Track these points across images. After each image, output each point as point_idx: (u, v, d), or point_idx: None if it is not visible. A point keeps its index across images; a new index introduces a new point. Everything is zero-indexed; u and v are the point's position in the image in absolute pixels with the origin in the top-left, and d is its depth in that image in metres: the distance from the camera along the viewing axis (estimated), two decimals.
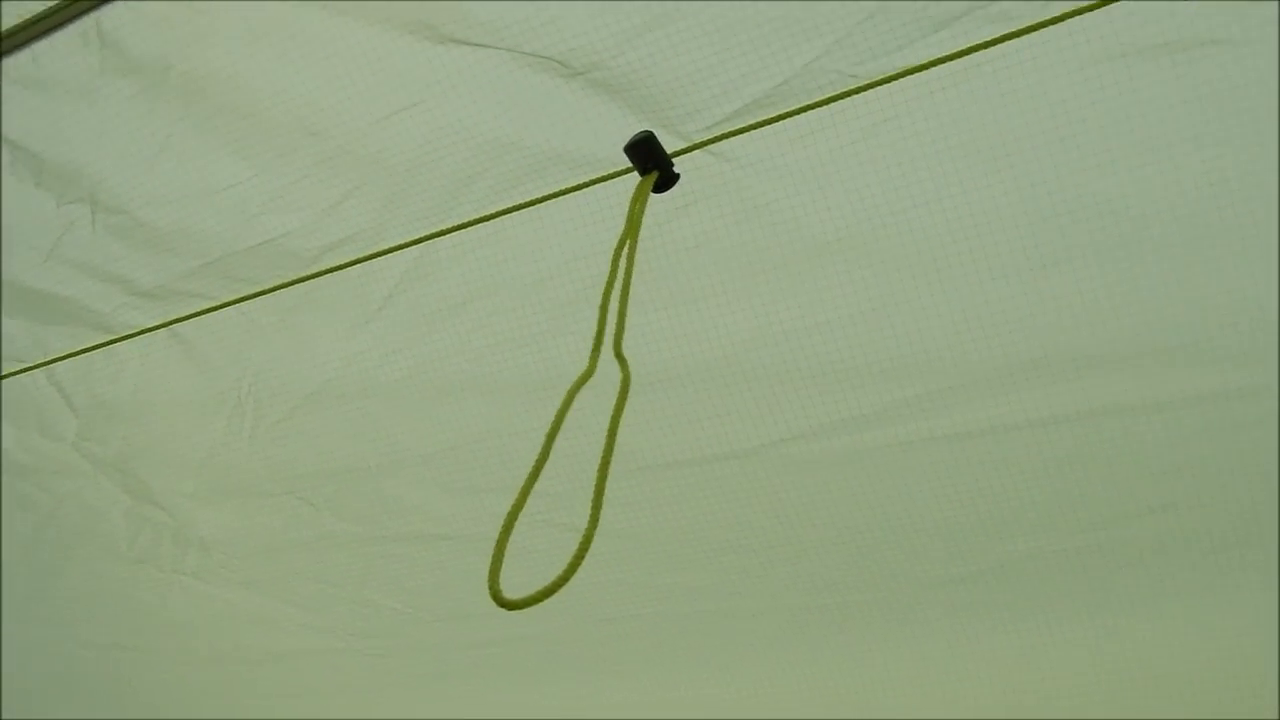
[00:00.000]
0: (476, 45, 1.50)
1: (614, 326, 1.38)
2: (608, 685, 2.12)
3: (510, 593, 1.13)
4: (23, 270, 1.93)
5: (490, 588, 1.10)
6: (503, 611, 1.14)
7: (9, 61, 1.66)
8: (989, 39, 1.35)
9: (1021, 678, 1.76)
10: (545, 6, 1.46)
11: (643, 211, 1.46)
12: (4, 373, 2.14)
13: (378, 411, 1.91)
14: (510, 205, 1.64)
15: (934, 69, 1.38)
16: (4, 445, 2.25)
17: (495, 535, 1.78)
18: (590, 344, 1.37)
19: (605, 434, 1.25)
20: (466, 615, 2.11)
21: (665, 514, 1.87)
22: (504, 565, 1.25)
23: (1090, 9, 1.31)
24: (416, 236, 1.71)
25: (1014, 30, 1.33)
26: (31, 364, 2.11)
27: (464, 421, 1.85)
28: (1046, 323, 1.48)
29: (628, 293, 1.39)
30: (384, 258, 1.75)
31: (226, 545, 2.18)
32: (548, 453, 1.24)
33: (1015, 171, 1.41)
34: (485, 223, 1.67)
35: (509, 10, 1.47)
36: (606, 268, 1.40)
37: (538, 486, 1.69)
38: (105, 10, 1.58)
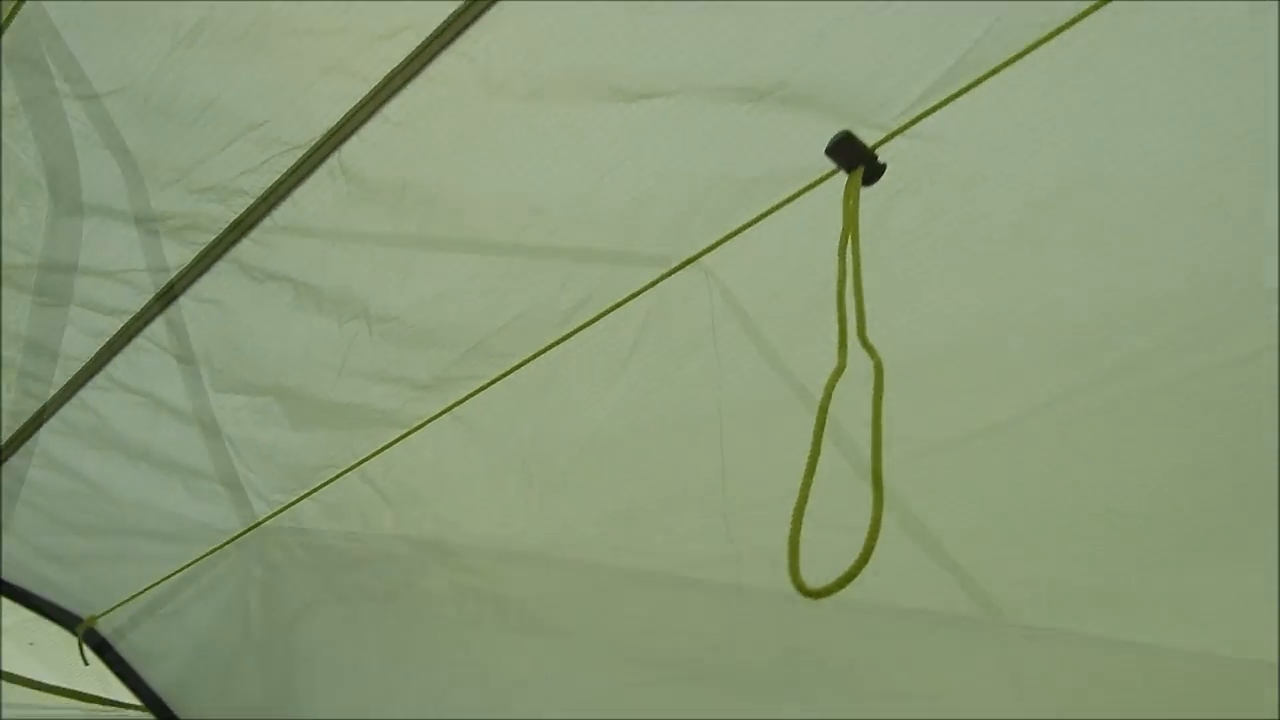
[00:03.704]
0: (665, 95, 1.58)
1: (854, 318, 1.41)
2: None
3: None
4: (323, 389, 2.19)
5: (793, 580, 1.19)
6: None
7: (278, 212, 1.93)
8: None
9: None
10: (718, 41, 1.52)
11: (858, 205, 1.49)
12: (325, 480, 2.42)
13: (646, 452, 2.01)
14: (727, 233, 1.70)
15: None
16: (336, 543, 2.54)
17: (783, 545, 1.82)
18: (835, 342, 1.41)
19: (871, 421, 1.29)
20: None
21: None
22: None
23: None
24: (647, 283, 1.81)
25: None
26: (346, 467, 2.38)
27: (728, 445, 1.92)
28: None
29: (860, 284, 1.42)
30: (623, 309, 1.85)
31: (540, 599, 2.35)
32: (818, 448, 1.29)
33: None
34: (708, 254, 1.74)
35: (686, 55, 1.55)
36: (833, 273, 1.43)
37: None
38: (343, 148, 1.80)
